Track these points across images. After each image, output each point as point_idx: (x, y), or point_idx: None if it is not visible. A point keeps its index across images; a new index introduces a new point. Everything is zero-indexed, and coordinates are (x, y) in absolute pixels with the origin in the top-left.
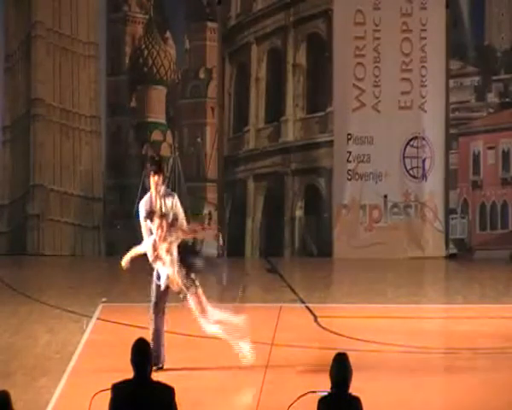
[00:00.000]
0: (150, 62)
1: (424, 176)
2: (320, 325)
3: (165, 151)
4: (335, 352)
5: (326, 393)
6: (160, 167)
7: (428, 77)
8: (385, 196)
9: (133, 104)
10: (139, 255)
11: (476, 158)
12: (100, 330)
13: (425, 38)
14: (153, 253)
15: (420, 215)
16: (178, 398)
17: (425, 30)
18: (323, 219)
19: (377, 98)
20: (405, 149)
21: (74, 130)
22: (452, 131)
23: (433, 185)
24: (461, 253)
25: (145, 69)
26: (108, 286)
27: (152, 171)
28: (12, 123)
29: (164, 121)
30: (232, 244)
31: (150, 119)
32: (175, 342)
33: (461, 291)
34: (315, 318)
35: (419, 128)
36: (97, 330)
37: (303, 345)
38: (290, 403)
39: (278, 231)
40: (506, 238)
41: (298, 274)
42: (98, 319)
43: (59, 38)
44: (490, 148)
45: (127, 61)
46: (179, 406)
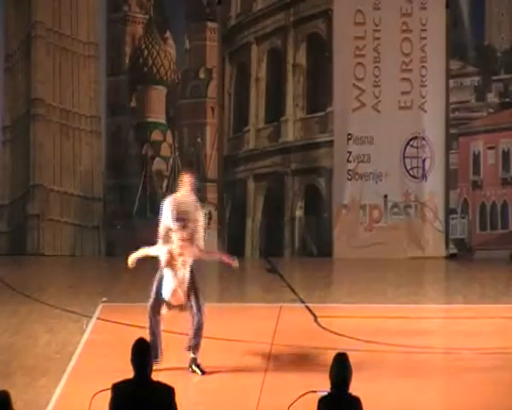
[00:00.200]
0: (150, 62)
1: (424, 176)
2: (320, 325)
3: (165, 151)
4: (335, 352)
5: (326, 393)
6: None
7: (428, 77)
8: (385, 196)
9: (133, 104)
10: (147, 257)
11: (476, 158)
12: (100, 330)
13: (425, 38)
14: (167, 259)
15: (420, 215)
16: (178, 398)
17: (425, 30)
18: (323, 219)
19: (377, 98)
20: (405, 149)
21: (74, 130)
22: (452, 131)
23: (434, 185)
24: (461, 253)
25: (145, 69)
26: (108, 286)
27: (187, 169)
28: (12, 123)
29: (164, 121)
30: (232, 244)
31: (150, 119)
32: (175, 342)
33: (461, 291)
34: (315, 318)
35: (419, 128)
36: (97, 330)
37: (303, 345)
38: (290, 403)
39: (278, 231)
40: (506, 238)
41: (298, 274)
42: (98, 319)
43: (59, 38)
44: (490, 148)
45: (127, 61)
46: (179, 406)
